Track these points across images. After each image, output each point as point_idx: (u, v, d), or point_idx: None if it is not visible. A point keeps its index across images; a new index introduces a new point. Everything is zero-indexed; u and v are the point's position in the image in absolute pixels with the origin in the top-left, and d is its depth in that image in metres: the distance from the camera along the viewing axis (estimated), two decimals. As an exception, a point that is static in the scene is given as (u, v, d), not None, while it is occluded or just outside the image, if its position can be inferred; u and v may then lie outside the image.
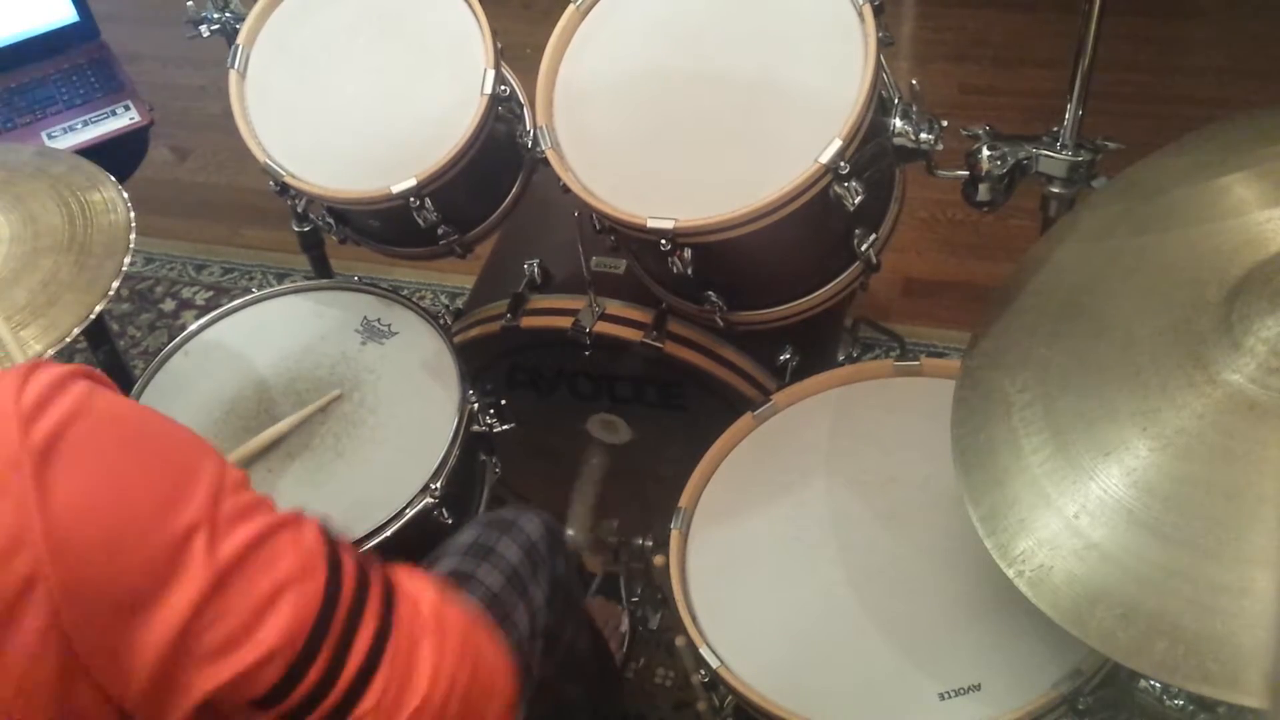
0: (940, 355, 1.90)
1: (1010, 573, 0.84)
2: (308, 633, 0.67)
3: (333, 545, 0.72)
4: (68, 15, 1.78)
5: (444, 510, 1.25)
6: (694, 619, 1.09)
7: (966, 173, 1.25)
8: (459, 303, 2.07)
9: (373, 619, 0.70)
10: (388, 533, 1.21)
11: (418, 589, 0.76)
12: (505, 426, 1.37)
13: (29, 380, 0.63)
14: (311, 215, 1.60)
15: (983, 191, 1.25)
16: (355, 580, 0.71)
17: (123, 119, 1.70)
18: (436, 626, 0.73)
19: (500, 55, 1.31)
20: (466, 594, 1.08)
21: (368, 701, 0.70)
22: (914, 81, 1.24)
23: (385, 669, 0.70)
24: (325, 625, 0.68)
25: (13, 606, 0.60)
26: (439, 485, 1.24)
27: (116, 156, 1.65)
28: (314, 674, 0.68)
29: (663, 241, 1.15)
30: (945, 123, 1.23)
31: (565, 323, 1.43)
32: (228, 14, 1.54)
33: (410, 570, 0.78)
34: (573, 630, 1.21)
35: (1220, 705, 1.00)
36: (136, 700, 0.65)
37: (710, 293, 1.27)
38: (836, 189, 1.14)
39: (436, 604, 0.75)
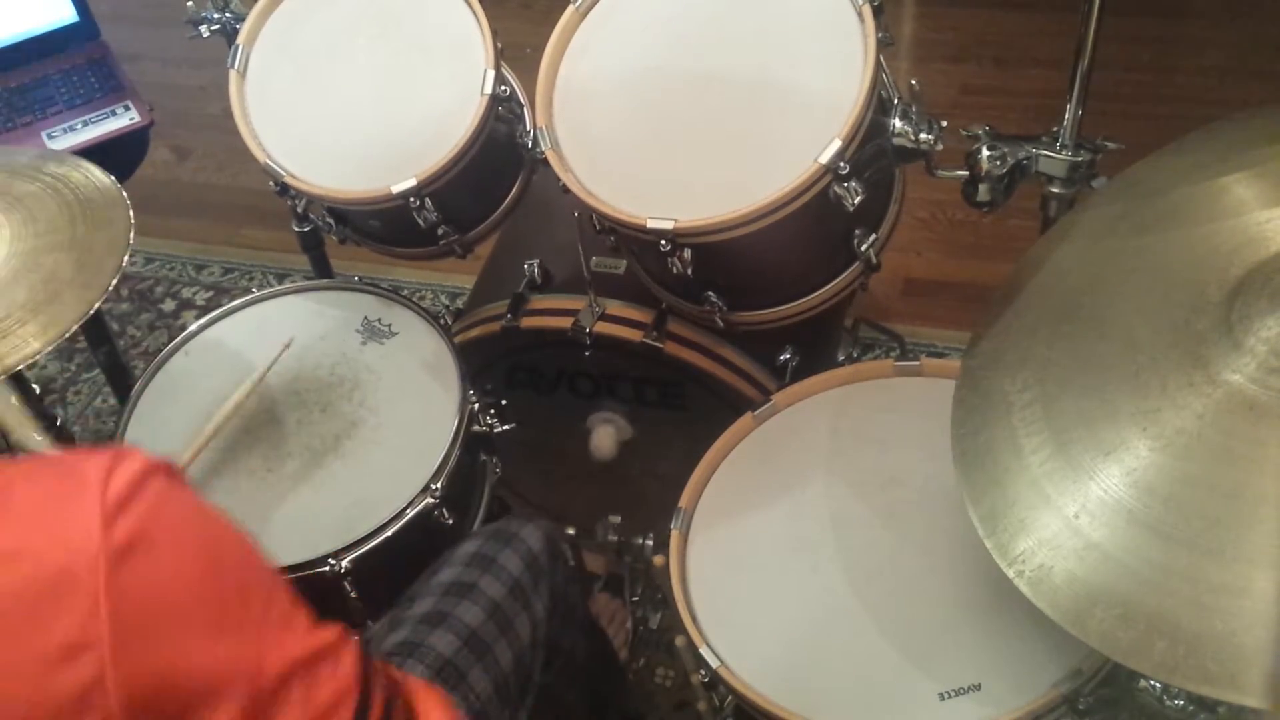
0: (940, 355, 1.90)
1: (1010, 573, 0.84)
2: None
3: (366, 677, 0.72)
4: (68, 15, 1.78)
5: (444, 510, 1.25)
6: (694, 619, 1.09)
7: (966, 173, 1.25)
8: (459, 303, 2.08)
9: None
10: (388, 533, 1.21)
11: (434, 714, 0.76)
12: (505, 426, 1.37)
13: (115, 471, 0.61)
14: (311, 215, 1.60)
15: (983, 191, 1.24)
16: (383, 709, 0.71)
17: (123, 119, 1.70)
18: None
19: (500, 55, 1.31)
20: (469, 604, 1.08)
21: None
22: (914, 81, 1.24)
23: None
24: None
25: (71, 710, 0.59)
26: (439, 485, 1.24)
27: (116, 156, 1.64)
28: None
29: (663, 242, 1.15)
30: (945, 123, 1.23)
31: (565, 323, 1.43)
32: (228, 14, 1.54)
33: (426, 689, 0.79)
34: (572, 639, 1.21)
35: (1220, 705, 1.00)
36: None
37: (710, 293, 1.27)
38: (836, 189, 1.14)
39: None
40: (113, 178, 1.24)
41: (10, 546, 0.59)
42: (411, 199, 1.28)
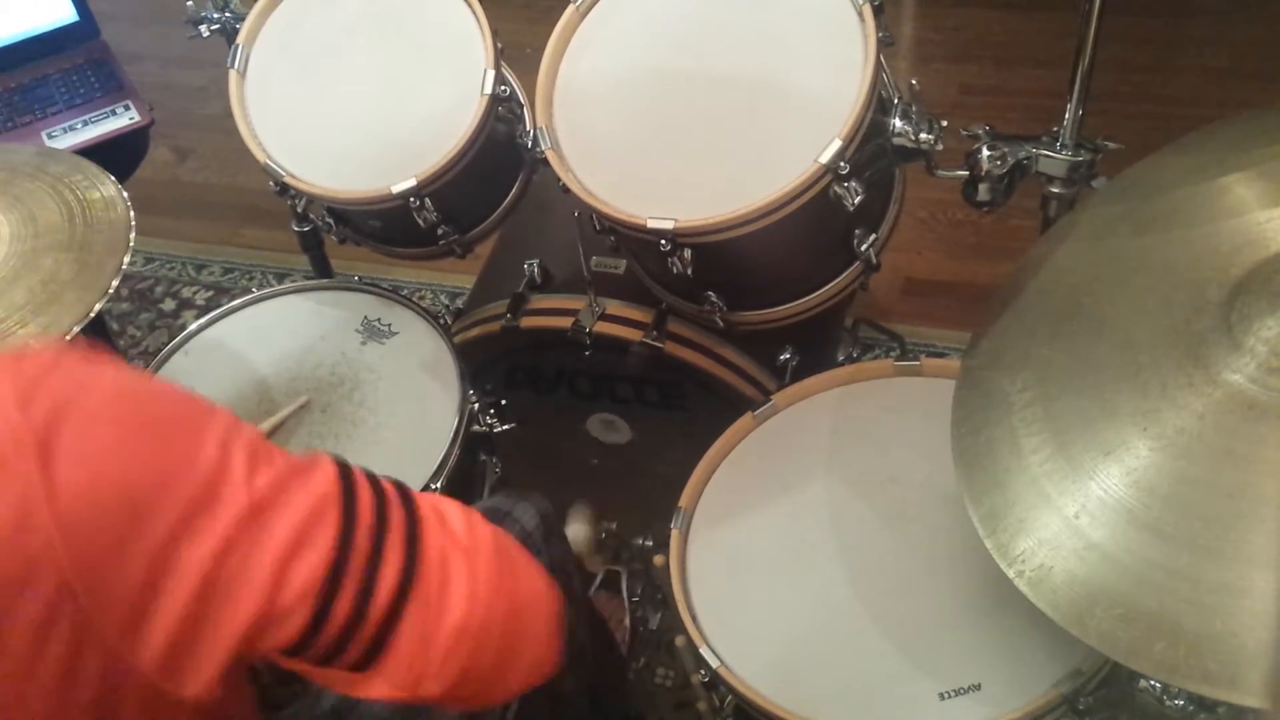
0: (940, 355, 1.90)
1: (1010, 573, 0.84)
2: (327, 571, 0.67)
3: (348, 482, 0.72)
4: (68, 15, 1.78)
5: (444, 510, 1.25)
6: (694, 619, 1.09)
7: (966, 173, 1.25)
8: (459, 303, 2.08)
9: (397, 548, 0.70)
10: (388, 533, 1.21)
11: (444, 511, 0.75)
12: (505, 426, 1.37)
13: (22, 362, 0.63)
14: (311, 215, 1.60)
15: (983, 191, 1.24)
16: (373, 514, 0.71)
17: (123, 119, 1.70)
18: (469, 546, 0.73)
19: (500, 55, 1.31)
20: None
21: (404, 629, 0.69)
22: (914, 81, 1.24)
23: (417, 596, 0.70)
24: (344, 561, 0.68)
25: (18, 585, 0.60)
26: (439, 485, 1.24)
27: (116, 156, 1.64)
28: (340, 612, 0.68)
29: (663, 241, 1.15)
30: (945, 123, 1.23)
31: (565, 323, 1.43)
32: (228, 14, 1.54)
33: (436, 496, 0.78)
34: (571, 617, 1.21)
35: (1220, 705, 1.00)
36: (160, 659, 0.65)
37: (710, 293, 1.27)
38: (836, 189, 1.14)
39: (465, 524, 0.74)
40: (113, 177, 1.24)
41: None
42: (411, 199, 1.28)
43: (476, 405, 1.34)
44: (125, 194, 1.22)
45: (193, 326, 1.44)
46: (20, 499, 0.60)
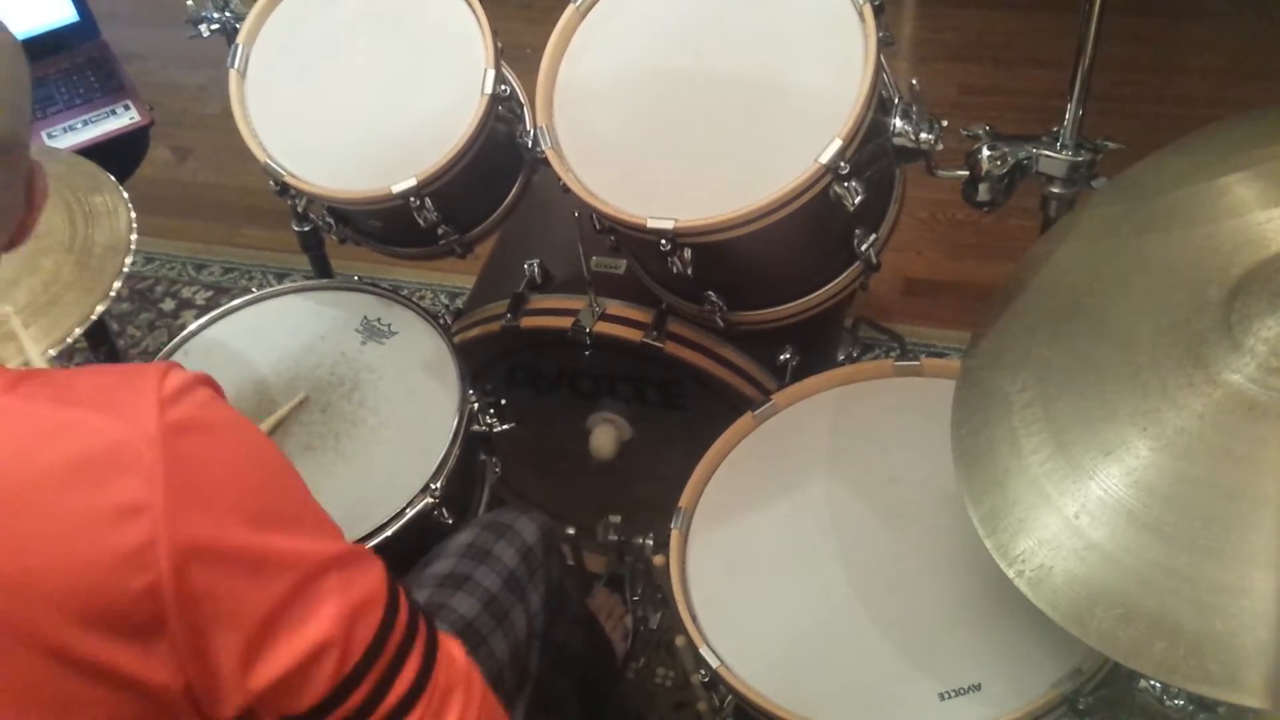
0: (940, 355, 1.90)
1: (1010, 573, 0.84)
2: (362, 652, 0.71)
3: (394, 583, 0.76)
4: (68, 15, 1.78)
5: (444, 510, 1.25)
6: (694, 619, 1.09)
7: (966, 173, 1.25)
8: (459, 303, 2.08)
9: (417, 658, 0.75)
10: (388, 533, 1.21)
11: (452, 644, 0.80)
12: (505, 426, 1.37)
13: (170, 371, 0.69)
14: (311, 215, 1.60)
15: (983, 191, 1.24)
16: (408, 619, 0.76)
17: (123, 119, 1.70)
18: (466, 682, 0.78)
19: (500, 55, 1.31)
20: (464, 595, 1.08)
21: None
22: (914, 81, 1.24)
23: (421, 707, 0.74)
24: (378, 650, 0.72)
25: (125, 566, 0.63)
26: (439, 485, 1.24)
27: (116, 156, 1.65)
28: (359, 696, 0.72)
29: (663, 241, 1.15)
30: (945, 123, 1.23)
31: (565, 323, 1.43)
32: (228, 14, 1.54)
33: (444, 633, 0.83)
34: (565, 631, 1.21)
35: (1220, 705, 1.00)
36: (205, 680, 0.67)
37: (710, 293, 1.27)
38: (836, 189, 1.14)
39: (466, 663, 0.79)
40: (113, 178, 1.24)
41: (73, 419, 0.65)
42: (411, 199, 1.28)
43: (476, 405, 1.34)
44: (125, 194, 1.22)
45: (192, 326, 1.44)
46: (143, 490, 0.64)
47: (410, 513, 1.23)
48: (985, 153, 1.22)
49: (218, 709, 0.68)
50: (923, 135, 1.22)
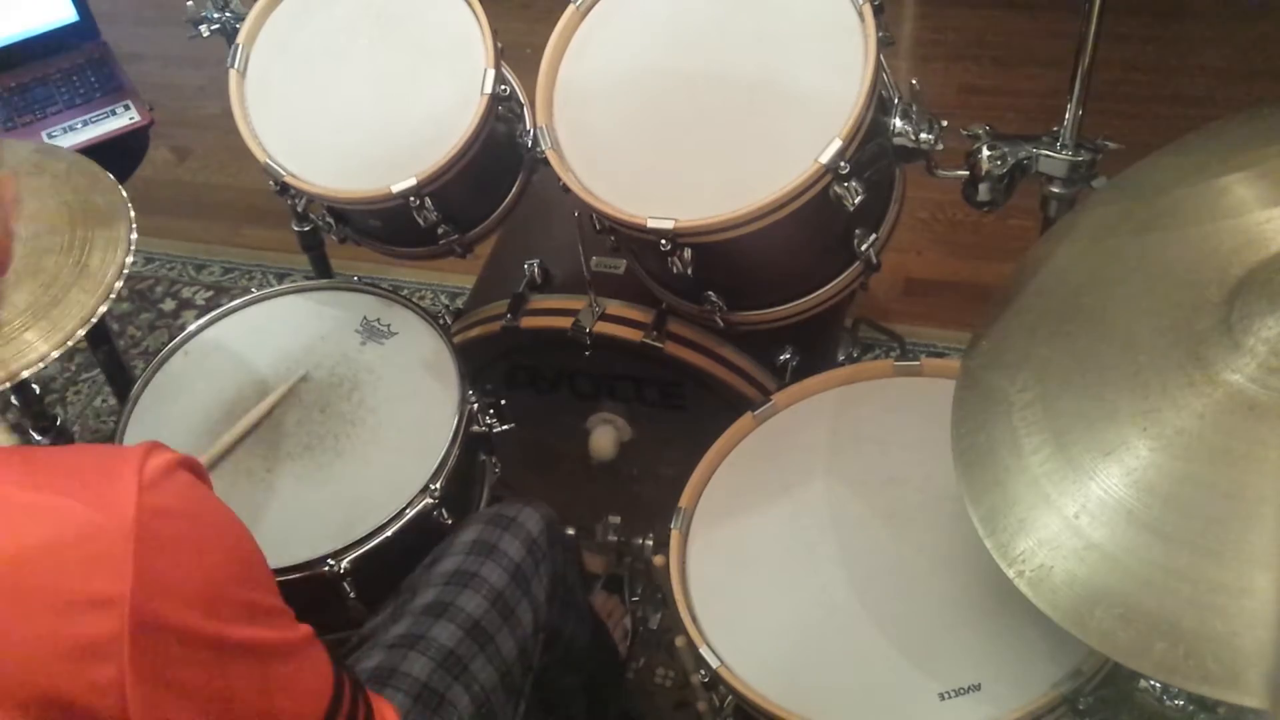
0: (940, 355, 1.90)
1: (1010, 573, 0.84)
2: None
3: (339, 670, 0.80)
4: (68, 15, 1.78)
5: (444, 510, 1.25)
6: (694, 619, 1.09)
7: (966, 173, 1.25)
8: (459, 303, 2.08)
9: None
10: (388, 533, 1.21)
11: (388, 713, 0.85)
12: (505, 426, 1.37)
13: (151, 455, 0.68)
14: (311, 215, 1.60)
15: (983, 191, 1.25)
16: (350, 706, 0.79)
17: (123, 119, 1.70)
18: None
19: (500, 55, 1.31)
20: (471, 593, 1.08)
21: None
22: (914, 81, 1.24)
23: None
24: None
25: (85, 656, 0.63)
26: (439, 485, 1.24)
27: (116, 156, 1.64)
28: None
29: (663, 241, 1.15)
30: (945, 123, 1.23)
31: (565, 323, 1.43)
32: (228, 14, 1.54)
33: (384, 702, 0.87)
34: (573, 624, 1.21)
35: (1220, 705, 1.00)
36: None
37: (710, 293, 1.27)
38: (836, 189, 1.14)
39: None
40: (113, 178, 1.24)
41: (51, 505, 0.64)
42: (411, 198, 1.28)
43: (476, 405, 1.34)
44: (125, 194, 1.22)
45: (192, 327, 1.44)
46: (115, 582, 0.63)
47: (410, 513, 1.22)
48: (985, 153, 1.22)
49: None
50: (923, 135, 1.22)
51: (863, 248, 1.24)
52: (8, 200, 0.75)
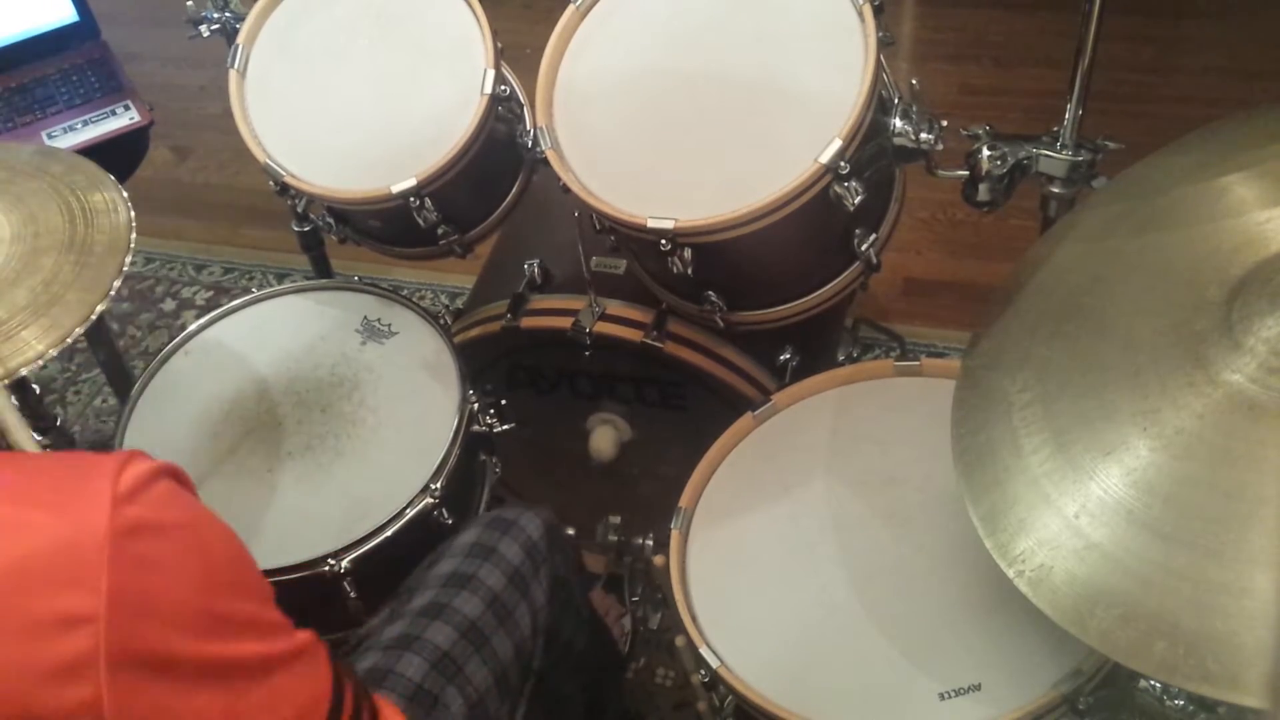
0: (940, 355, 1.90)
1: (1010, 573, 0.84)
2: None
3: (339, 675, 0.77)
4: (68, 15, 1.78)
5: (444, 510, 1.25)
6: (694, 619, 1.09)
7: (966, 173, 1.25)
8: (459, 303, 2.08)
9: None
10: (388, 533, 1.21)
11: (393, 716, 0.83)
12: (505, 426, 1.37)
13: (128, 466, 0.65)
14: (311, 215, 1.60)
15: (983, 191, 1.25)
16: (353, 711, 0.77)
17: (123, 119, 1.70)
18: None
19: (500, 55, 1.31)
20: (468, 594, 1.08)
21: None
22: (914, 81, 1.24)
23: None
24: None
25: (61, 678, 0.61)
26: (439, 485, 1.24)
27: (116, 156, 1.64)
28: None
29: (663, 241, 1.15)
30: (945, 123, 1.23)
31: (565, 323, 1.43)
32: (228, 14, 1.54)
33: (389, 706, 0.85)
34: (572, 627, 1.21)
35: (1220, 705, 1.00)
36: None
37: (710, 293, 1.27)
38: (836, 189, 1.14)
39: None
40: (113, 177, 1.24)
41: (21, 519, 0.62)
42: (411, 199, 1.28)
43: (476, 405, 1.34)
44: (125, 194, 1.22)
45: (193, 327, 1.44)
46: (89, 600, 0.61)
47: (410, 513, 1.23)
48: (985, 153, 1.22)
49: None
50: (923, 135, 1.22)
51: (863, 248, 1.24)
52: None
